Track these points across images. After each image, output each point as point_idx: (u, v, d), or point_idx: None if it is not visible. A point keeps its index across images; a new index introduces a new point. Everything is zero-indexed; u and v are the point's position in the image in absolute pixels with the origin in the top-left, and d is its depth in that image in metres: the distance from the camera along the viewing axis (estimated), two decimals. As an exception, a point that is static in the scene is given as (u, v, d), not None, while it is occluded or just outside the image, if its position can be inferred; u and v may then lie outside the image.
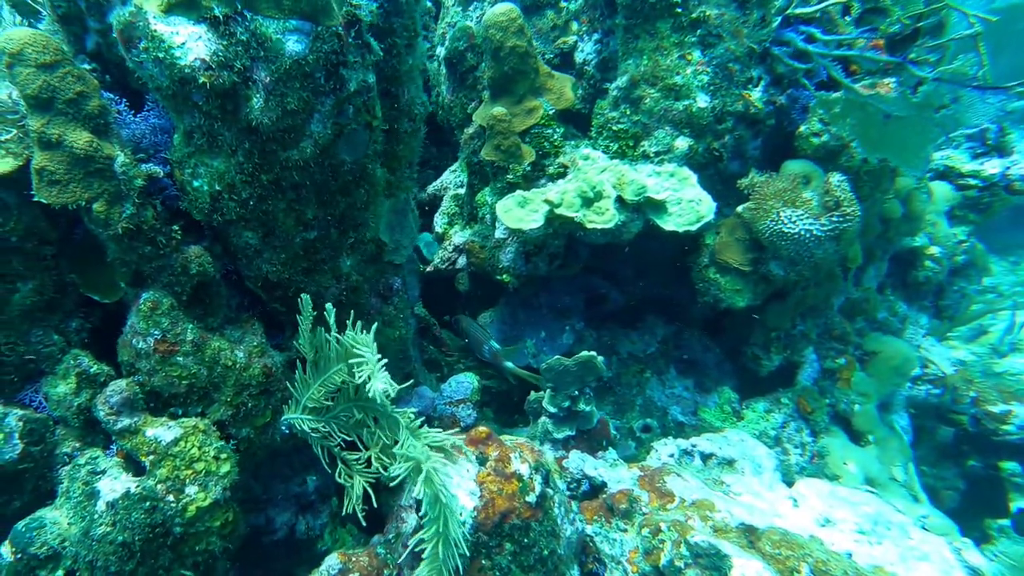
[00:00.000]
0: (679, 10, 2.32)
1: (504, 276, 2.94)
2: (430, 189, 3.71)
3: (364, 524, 2.05)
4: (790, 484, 2.73)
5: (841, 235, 2.25)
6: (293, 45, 1.49)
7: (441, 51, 3.20)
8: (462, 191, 3.47)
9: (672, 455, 2.75)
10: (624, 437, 3.34)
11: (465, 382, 2.86)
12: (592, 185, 2.25)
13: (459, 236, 3.34)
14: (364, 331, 1.79)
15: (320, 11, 1.46)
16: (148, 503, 1.53)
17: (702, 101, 2.42)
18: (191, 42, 1.39)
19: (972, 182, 2.94)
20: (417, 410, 2.84)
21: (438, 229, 3.57)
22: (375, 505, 2.03)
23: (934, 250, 3.99)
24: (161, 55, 1.38)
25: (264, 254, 1.86)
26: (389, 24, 1.82)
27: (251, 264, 1.89)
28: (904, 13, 1.84)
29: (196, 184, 1.64)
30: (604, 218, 2.24)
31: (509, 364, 3.04)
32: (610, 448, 2.77)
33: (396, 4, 1.80)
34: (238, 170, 1.63)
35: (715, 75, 2.39)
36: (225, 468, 1.72)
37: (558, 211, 2.24)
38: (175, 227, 1.69)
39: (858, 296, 3.47)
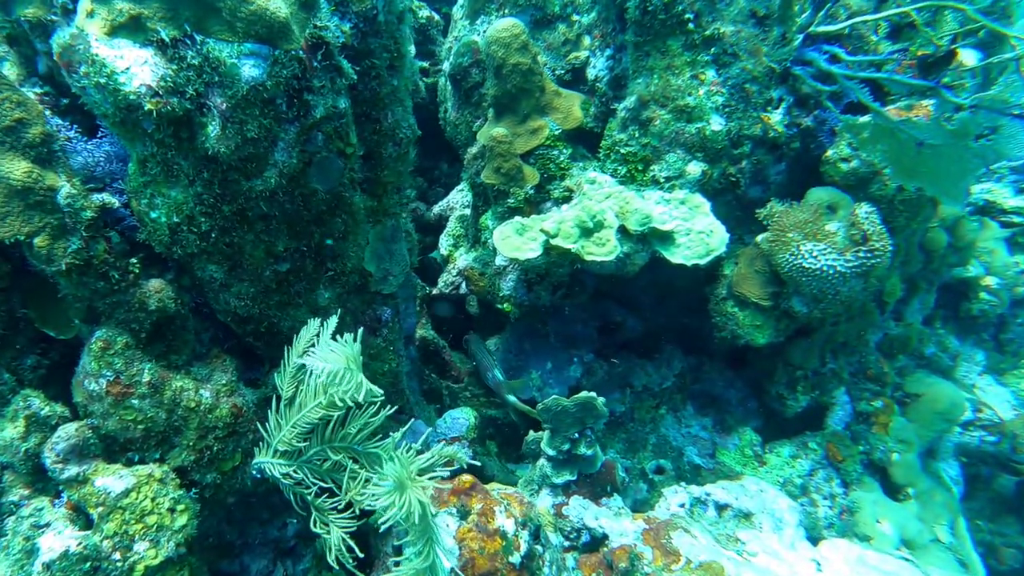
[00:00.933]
0: (691, 27, 2.14)
1: (505, 305, 2.78)
2: (436, 209, 3.59)
3: (353, 570, 1.90)
4: (816, 541, 2.47)
5: (870, 272, 2.02)
6: (250, 70, 1.37)
7: (447, 66, 3.09)
8: (468, 212, 3.33)
9: (683, 504, 2.53)
10: (635, 479, 3.11)
11: (461, 418, 2.70)
12: (592, 214, 2.07)
13: (463, 259, 3.20)
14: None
15: (277, 34, 1.34)
16: (89, 564, 1.42)
17: (716, 124, 2.22)
18: (136, 67, 1.29)
19: (1016, 220, 2.64)
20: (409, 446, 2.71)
21: (443, 251, 3.44)
22: (359, 554, 1.87)
23: (990, 280, 3.65)
24: (103, 81, 1.27)
25: (231, 288, 1.75)
26: (366, 45, 1.70)
27: (218, 298, 1.78)
28: (936, 34, 1.63)
29: (153, 215, 1.54)
30: (605, 250, 2.06)
31: (512, 398, 2.87)
32: (615, 495, 2.56)
33: (374, 24, 1.67)
34: (197, 201, 1.52)
35: (731, 96, 2.19)
36: (181, 521, 1.60)
37: (554, 242, 2.08)
38: (133, 260, 1.59)
39: (898, 332, 3.18)
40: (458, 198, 3.54)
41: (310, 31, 1.44)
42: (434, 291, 3.59)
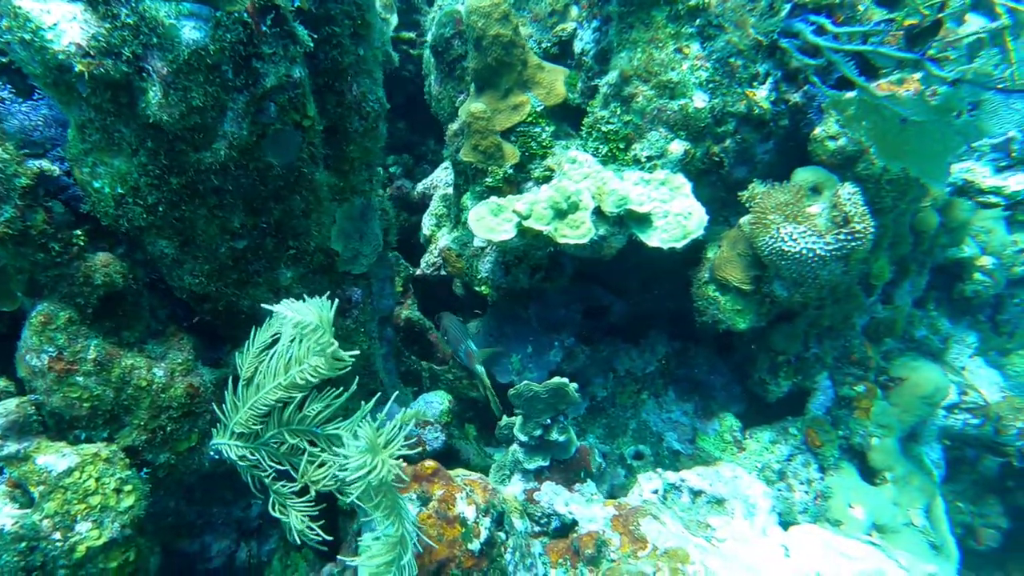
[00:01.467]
0: (674, -3, 2.04)
1: (483, 287, 2.72)
2: (419, 187, 3.51)
3: (318, 547, 1.86)
4: (790, 527, 2.45)
5: (850, 255, 1.95)
6: (191, 32, 1.29)
7: (429, 37, 2.98)
8: (451, 191, 3.25)
9: (656, 490, 2.49)
10: (614, 464, 3.08)
11: (435, 402, 2.65)
12: (567, 195, 2.00)
13: (445, 239, 3.13)
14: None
15: (217, -8, 1.25)
16: (25, 543, 1.38)
17: (699, 100, 2.13)
18: (65, 23, 1.21)
19: (993, 199, 2.54)
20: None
21: (426, 231, 3.36)
22: (321, 536, 1.83)
23: (986, 261, 3.57)
24: (28, 37, 1.20)
25: (184, 264, 1.68)
26: (325, 11, 1.61)
27: (172, 274, 1.72)
28: (923, 2, 1.54)
29: (96, 185, 1.47)
30: (579, 232, 1.99)
31: (479, 368, 2.76)
32: (588, 481, 2.53)
33: (333, -13, 1.58)
34: (142, 172, 1.45)
35: (715, 71, 2.10)
36: (128, 502, 1.56)
37: (526, 224, 2.00)
38: (78, 232, 1.53)
39: (885, 315, 3.12)
40: (442, 176, 3.45)
41: (257, -8, 1.35)
42: (417, 272, 3.52)
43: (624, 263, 2.74)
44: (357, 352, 1.72)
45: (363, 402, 2.54)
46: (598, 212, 2.08)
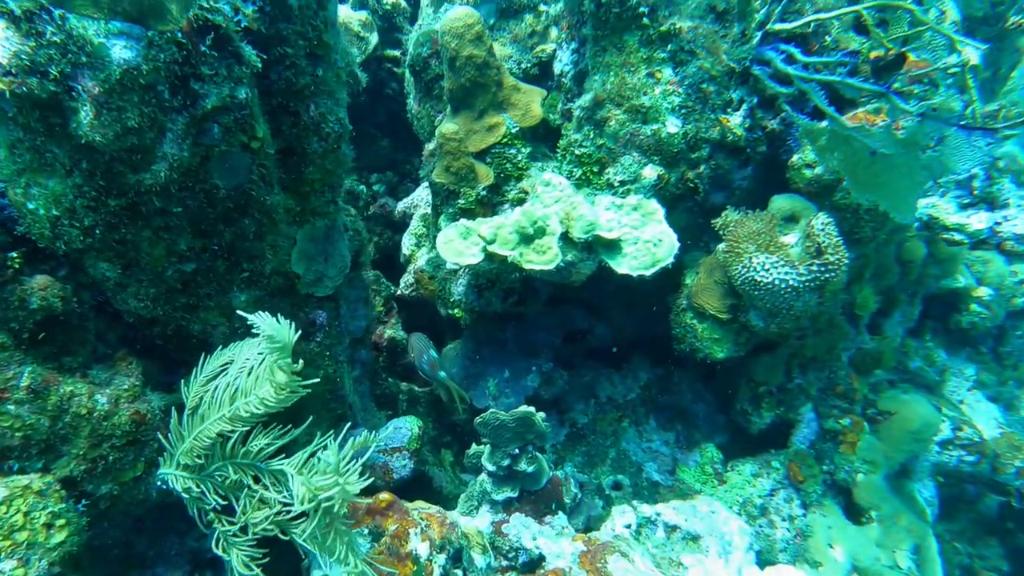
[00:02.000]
0: (646, 21, 2.00)
1: (455, 311, 2.66)
2: (400, 206, 3.47)
3: None
4: (769, 566, 2.35)
5: (824, 286, 1.88)
6: (121, 52, 1.25)
7: (408, 57, 2.96)
8: (430, 211, 3.20)
9: (629, 525, 2.41)
10: (592, 494, 2.99)
11: (403, 428, 2.57)
12: (534, 219, 1.94)
13: (422, 260, 3.08)
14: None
15: (149, 12, 1.21)
16: (-62, 583, 1.30)
17: (672, 126, 2.08)
18: (-13, 44, 1.16)
19: (957, 236, 2.47)
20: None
21: (405, 251, 3.31)
22: None
23: (982, 291, 3.48)
24: (-52, 58, 1.15)
25: (128, 288, 1.63)
26: (277, 31, 1.57)
27: (116, 298, 1.66)
28: (887, 36, 1.49)
29: (31, 206, 1.42)
30: (545, 258, 1.93)
31: (442, 374, 2.65)
32: (560, 512, 2.44)
33: (284, 8, 1.55)
34: (78, 193, 1.41)
35: (688, 96, 2.05)
36: (58, 538, 1.48)
37: (490, 248, 1.95)
38: (13, 254, 1.47)
39: (872, 346, 3.04)
40: (423, 195, 3.41)
41: (195, 12, 1.31)
42: (397, 292, 3.47)
43: (605, 286, 2.68)
44: (316, 380, 1.66)
45: (327, 430, 2.47)
46: (566, 238, 2.02)
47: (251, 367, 1.58)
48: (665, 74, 2.05)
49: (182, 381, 1.77)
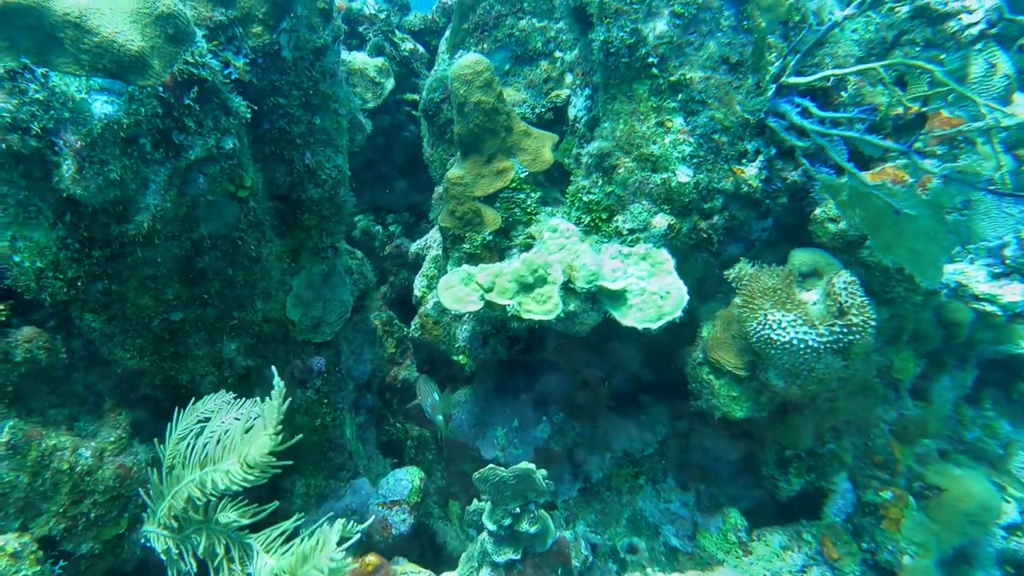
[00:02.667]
0: (655, 71, 1.93)
1: (460, 357, 2.58)
2: (413, 247, 3.44)
3: None
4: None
5: (848, 348, 1.71)
6: (102, 107, 1.24)
7: (422, 101, 2.97)
8: (441, 253, 3.16)
9: (640, 601, 2.22)
10: (605, 558, 2.80)
11: (404, 480, 2.47)
12: (535, 267, 1.86)
13: (431, 303, 3.02)
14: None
15: (129, 68, 1.21)
16: None
17: (683, 175, 1.98)
18: (-31, 101, 1.17)
19: (989, 308, 2.23)
20: (347, 507, 2.49)
21: (417, 293, 3.26)
22: None
23: (1048, 358, 3.16)
24: (-70, 115, 1.17)
25: (115, 338, 1.61)
26: (270, 82, 1.56)
27: (103, 348, 1.64)
28: (906, 95, 1.37)
29: (16, 259, 1.42)
30: (545, 308, 1.83)
31: (439, 418, 2.50)
32: (565, 581, 2.28)
33: (277, 60, 1.54)
34: (61, 245, 1.40)
35: (699, 146, 1.96)
36: (27, 601, 1.44)
37: (488, 297, 1.87)
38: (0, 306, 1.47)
39: (915, 413, 2.79)
40: (436, 236, 3.37)
41: (180, 66, 1.30)
42: (409, 333, 3.41)
43: (619, 333, 2.55)
44: (289, 463, 1.56)
45: (324, 480, 2.39)
46: (569, 287, 1.93)
47: (220, 435, 1.51)
48: (676, 123, 1.96)
49: (155, 440, 1.71)
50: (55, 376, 1.61)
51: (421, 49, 3.52)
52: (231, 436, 1.48)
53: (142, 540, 1.74)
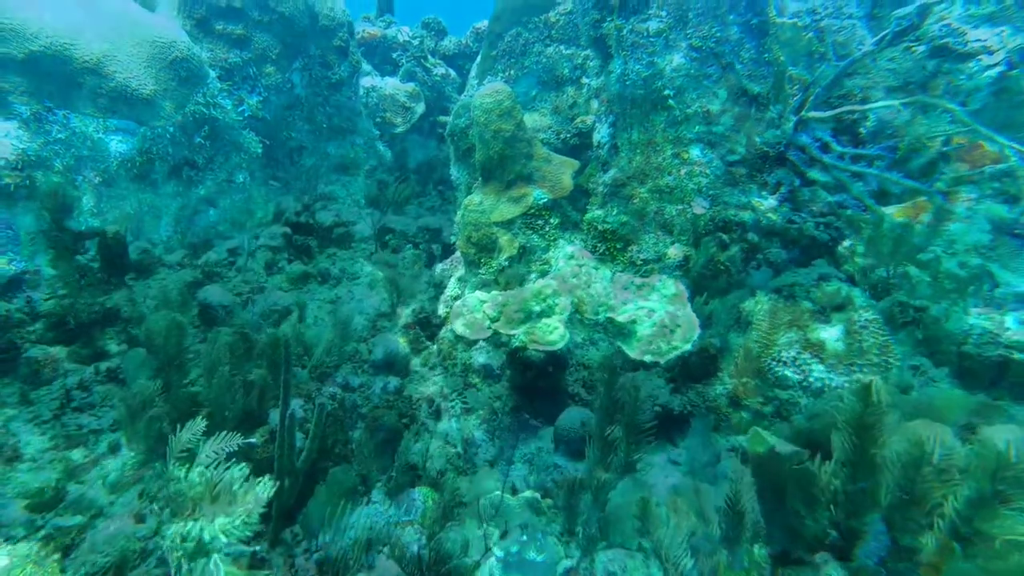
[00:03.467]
0: (671, 103, 1.90)
1: (475, 379, 2.57)
2: (438, 268, 3.48)
3: None
4: None
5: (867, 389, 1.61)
6: (118, 145, 1.32)
7: (448, 126, 3.02)
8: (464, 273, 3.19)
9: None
10: (619, 589, 2.72)
11: (416, 499, 2.47)
12: (543, 297, 1.85)
13: (447, 327, 3.04)
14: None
15: (142, 111, 1.28)
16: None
17: (699, 207, 1.94)
18: (-1, 141, 1.27)
19: (1016, 356, 2.03)
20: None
21: (440, 312, 3.30)
22: None
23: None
24: (-35, 156, 1.27)
25: (134, 358, 1.69)
26: (283, 118, 1.62)
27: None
28: (925, 135, 1.30)
29: (45, 284, 1.51)
30: (551, 338, 1.82)
31: None
32: (573, 616, 2.22)
33: (291, 97, 1.60)
34: (82, 272, 1.49)
35: (716, 178, 1.91)
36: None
37: (493, 326, 1.87)
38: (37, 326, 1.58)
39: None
40: (459, 258, 3.41)
41: (192, 108, 1.37)
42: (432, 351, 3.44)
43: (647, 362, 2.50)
44: None
45: (338, 502, 2.41)
46: (577, 317, 1.91)
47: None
48: (692, 154, 1.93)
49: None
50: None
51: (453, 73, 3.59)
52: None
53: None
